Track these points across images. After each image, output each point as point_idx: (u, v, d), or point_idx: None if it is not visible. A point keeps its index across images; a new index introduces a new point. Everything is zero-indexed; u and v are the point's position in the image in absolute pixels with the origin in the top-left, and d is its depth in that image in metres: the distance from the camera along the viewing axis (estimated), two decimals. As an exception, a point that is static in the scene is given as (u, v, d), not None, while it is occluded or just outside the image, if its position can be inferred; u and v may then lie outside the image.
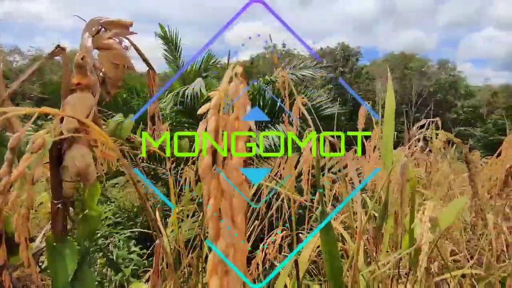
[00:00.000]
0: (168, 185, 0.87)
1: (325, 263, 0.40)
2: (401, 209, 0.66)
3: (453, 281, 0.80)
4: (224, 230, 0.20)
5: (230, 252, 0.19)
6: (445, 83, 29.57)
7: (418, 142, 1.11)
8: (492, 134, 22.75)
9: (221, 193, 0.20)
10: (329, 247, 0.39)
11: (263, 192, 0.91)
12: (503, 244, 1.32)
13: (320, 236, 0.39)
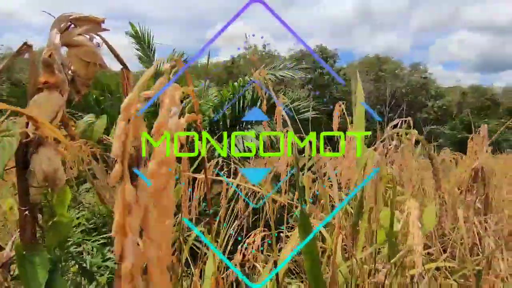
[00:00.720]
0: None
1: (305, 262, 0.40)
2: (375, 205, 0.68)
3: (427, 275, 0.83)
4: (128, 249, 0.17)
5: (136, 273, 0.17)
6: (417, 85, 30.94)
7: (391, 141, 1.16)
8: (460, 132, 24.06)
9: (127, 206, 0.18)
10: (308, 246, 0.39)
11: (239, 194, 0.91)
12: (476, 237, 1.40)
13: (300, 235, 0.40)
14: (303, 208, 0.38)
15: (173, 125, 0.20)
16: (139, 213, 0.19)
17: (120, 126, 0.19)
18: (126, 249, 0.17)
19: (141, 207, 0.19)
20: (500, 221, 1.60)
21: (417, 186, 1.34)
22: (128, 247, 0.18)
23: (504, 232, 1.57)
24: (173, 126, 0.20)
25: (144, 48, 3.07)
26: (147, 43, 3.04)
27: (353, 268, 0.71)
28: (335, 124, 1.36)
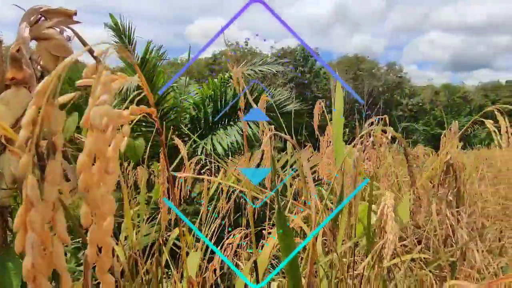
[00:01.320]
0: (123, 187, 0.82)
1: (283, 259, 0.40)
2: (354, 200, 0.69)
3: (403, 266, 0.86)
4: (27, 246, 0.16)
5: (38, 272, 0.16)
6: (393, 84, 32.01)
7: (369, 138, 1.19)
8: (433, 129, 25.14)
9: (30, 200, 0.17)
10: (286, 242, 0.39)
11: (222, 191, 0.90)
12: (449, 229, 1.46)
13: (277, 232, 0.40)
14: (280, 208, 0.38)
15: (98, 115, 0.18)
16: (44, 209, 0.17)
17: (29, 113, 0.18)
18: (26, 247, 0.16)
19: (48, 204, 0.17)
20: (472, 214, 1.68)
21: (392, 181, 1.38)
22: (28, 245, 0.16)
23: (478, 224, 1.65)
24: (97, 116, 0.18)
25: (124, 41, 2.87)
26: (127, 36, 2.84)
27: (333, 262, 0.72)
28: (316, 121, 1.38)
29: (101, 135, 0.18)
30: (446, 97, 32.14)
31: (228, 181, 0.92)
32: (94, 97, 0.19)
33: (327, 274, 0.72)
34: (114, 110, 0.19)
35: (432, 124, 26.70)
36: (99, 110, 0.18)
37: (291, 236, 0.40)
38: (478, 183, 2.39)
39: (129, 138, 0.70)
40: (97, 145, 0.18)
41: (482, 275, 1.18)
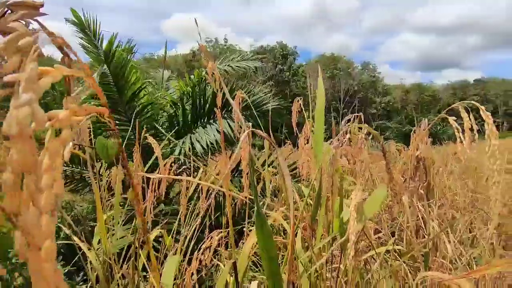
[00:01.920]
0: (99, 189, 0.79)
1: (262, 259, 0.40)
2: (332, 196, 0.70)
3: (379, 258, 0.89)
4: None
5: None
6: (367, 83, 33.01)
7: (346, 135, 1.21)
8: (404, 126, 26.24)
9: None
10: (265, 242, 0.39)
11: (202, 191, 0.88)
12: (420, 221, 1.53)
13: (256, 232, 0.39)
14: (259, 208, 0.38)
15: (14, 120, 0.15)
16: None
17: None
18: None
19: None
20: (442, 206, 1.76)
21: (366, 176, 1.42)
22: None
23: (448, 215, 1.73)
24: (13, 122, 0.15)
25: (89, 36, 2.70)
26: (92, 31, 2.66)
27: (313, 257, 0.73)
28: (294, 119, 1.39)
29: (26, 145, 0.15)
30: (416, 96, 33.59)
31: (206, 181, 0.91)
32: (15, 97, 0.16)
33: (307, 269, 0.73)
34: (41, 113, 0.16)
35: (404, 122, 27.92)
36: (19, 113, 0.15)
37: (270, 238, 0.39)
38: (447, 176, 2.51)
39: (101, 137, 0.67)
40: (22, 158, 0.15)
41: (455, 265, 1.24)
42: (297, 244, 0.76)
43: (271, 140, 0.39)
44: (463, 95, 32.47)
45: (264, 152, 1.16)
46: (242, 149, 0.59)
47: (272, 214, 0.79)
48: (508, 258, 1.36)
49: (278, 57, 30.59)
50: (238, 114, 0.53)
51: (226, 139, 2.44)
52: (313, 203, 0.72)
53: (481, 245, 1.33)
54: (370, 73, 33.36)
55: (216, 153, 2.76)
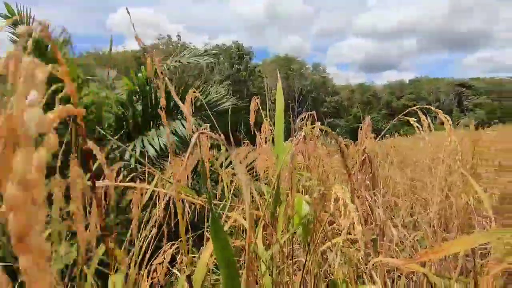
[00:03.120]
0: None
1: (219, 267, 0.37)
2: (291, 193, 0.70)
3: (334, 248, 0.91)
4: None
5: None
6: (318, 83, 34.56)
7: (301, 133, 1.24)
8: (351, 123, 28.09)
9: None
10: (221, 250, 0.36)
11: (159, 198, 0.82)
12: (368, 209, 1.62)
13: (212, 240, 0.37)
14: (214, 214, 0.35)
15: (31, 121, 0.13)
16: None
17: None
18: None
19: None
20: (386, 194, 1.90)
21: (321, 172, 1.47)
22: None
23: (391, 202, 1.87)
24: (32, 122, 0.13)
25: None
26: (25, 24, 2.38)
27: (274, 255, 0.72)
28: (252, 117, 1.38)
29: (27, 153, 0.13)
30: (361, 95, 36.10)
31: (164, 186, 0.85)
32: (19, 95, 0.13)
33: (269, 267, 0.73)
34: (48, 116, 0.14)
35: (352, 119, 29.95)
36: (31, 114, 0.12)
37: (227, 245, 0.37)
38: (388, 167, 2.73)
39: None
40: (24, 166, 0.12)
41: (400, 247, 1.33)
42: (259, 244, 0.74)
43: (224, 140, 0.37)
44: (400, 94, 35.68)
45: (222, 152, 1.13)
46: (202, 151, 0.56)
47: (232, 214, 0.77)
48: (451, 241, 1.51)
49: (234, 57, 30.45)
50: (187, 115, 0.50)
51: (182, 140, 2.30)
52: (272, 200, 0.71)
53: (423, 228, 1.45)
54: (320, 74, 34.97)
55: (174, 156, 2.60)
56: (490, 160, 2.73)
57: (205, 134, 0.34)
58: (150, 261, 0.72)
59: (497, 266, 0.44)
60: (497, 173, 2.51)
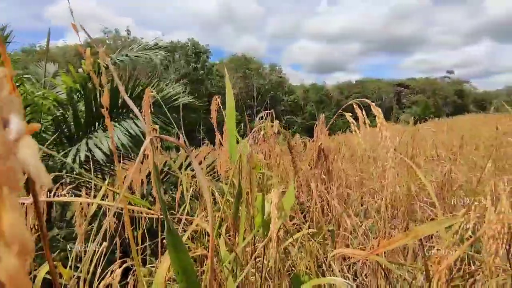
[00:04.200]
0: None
1: (178, 281, 0.33)
2: (251, 192, 0.68)
3: (296, 244, 0.92)
4: None
5: None
6: (276, 83, 35.26)
7: (260, 131, 1.22)
8: (308, 121, 29.27)
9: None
10: (181, 265, 0.32)
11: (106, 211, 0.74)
12: (324, 202, 1.68)
13: (169, 252, 0.32)
14: (170, 225, 0.31)
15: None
16: None
17: None
18: None
19: None
20: (340, 187, 1.98)
21: (281, 169, 1.48)
22: None
23: (344, 194, 1.95)
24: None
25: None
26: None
27: (237, 256, 0.70)
28: (214, 117, 1.33)
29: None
30: (315, 94, 37.71)
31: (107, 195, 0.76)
32: None
33: (233, 269, 0.70)
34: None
35: (307, 117, 31.20)
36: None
37: (186, 259, 0.33)
38: (340, 161, 2.87)
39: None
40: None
41: (353, 235, 1.39)
42: (221, 246, 0.71)
43: (177, 141, 0.33)
44: (348, 93, 38.06)
45: (181, 153, 1.07)
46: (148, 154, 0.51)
47: (194, 219, 0.72)
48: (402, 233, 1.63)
49: (191, 55, 29.41)
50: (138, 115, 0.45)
51: (135, 140, 2.07)
52: (234, 201, 0.69)
53: (373, 216, 1.54)
54: (277, 74, 35.72)
55: (126, 158, 2.29)
56: (428, 151, 3.01)
57: (159, 137, 0.30)
58: (101, 277, 0.64)
59: (448, 255, 0.47)
60: (433, 162, 2.77)
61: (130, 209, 0.59)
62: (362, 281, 1.39)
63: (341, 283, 0.66)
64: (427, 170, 2.39)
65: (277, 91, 34.70)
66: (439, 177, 2.11)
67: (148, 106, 0.63)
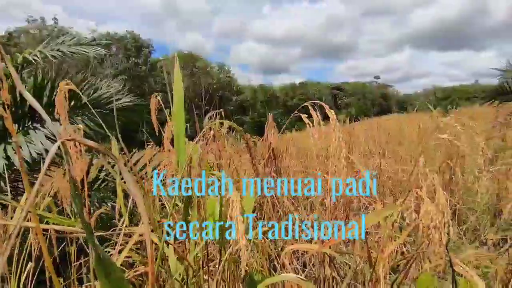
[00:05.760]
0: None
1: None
2: (202, 197, 0.64)
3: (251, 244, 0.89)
4: None
5: None
6: (224, 82, 34.97)
7: (210, 131, 1.17)
8: (256, 120, 29.79)
9: None
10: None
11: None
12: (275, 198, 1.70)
13: (100, 285, 0.26)
14: (99, 253, 0.25)
15: None
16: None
17: None
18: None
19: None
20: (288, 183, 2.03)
21: (232, 169, 1.45)
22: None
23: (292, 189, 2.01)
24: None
25: None
26: None
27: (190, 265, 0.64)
28: (154, 117, 1.23)
29: None
30: (262, 95, 38.58)
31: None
32: None
33: (183, 277, 0.64)
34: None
35: (256, 117, 31.74)
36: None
37: (121, 283, 0.27)
38: (288, 158, 2.98)
39: None
40: None
41: (300, 227, 1.44)
42: (170, 256, 0.65)
43: (95, 144, 0.27)
44: (292, 94, 39.91)
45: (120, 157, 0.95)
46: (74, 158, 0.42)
47: (136, 231, 0.64)
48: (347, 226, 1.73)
49: (130, 49, 26.97)
50: (44, 117, 0.36)
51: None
52: (183, 207, 0.63)
53: (317, 208, 1.61)
54: (225, 73, 35.47)
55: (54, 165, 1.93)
56: (362, 147, 3.29)
57: (77, 140, 0.24)
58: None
59: (389, 244, 0.50)
60: (366, 157, 3.04)
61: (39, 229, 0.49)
62: (310, 271, 1.45)
63: (294, 279, 0.66)
64: (361, 163, 2.61)
65: (226, 90, 34.48)
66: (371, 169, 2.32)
67: (62, 107, 0.53)
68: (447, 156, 2.37)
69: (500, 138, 2.63)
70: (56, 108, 0.54)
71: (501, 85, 3.68)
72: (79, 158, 0.50)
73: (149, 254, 0.23)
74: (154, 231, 0.56)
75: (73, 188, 0.24)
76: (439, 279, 1.34)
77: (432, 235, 0.42)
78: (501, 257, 0.89)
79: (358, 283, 1.28)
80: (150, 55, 29.23)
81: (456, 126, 0.65)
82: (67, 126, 1.01)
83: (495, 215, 2.01)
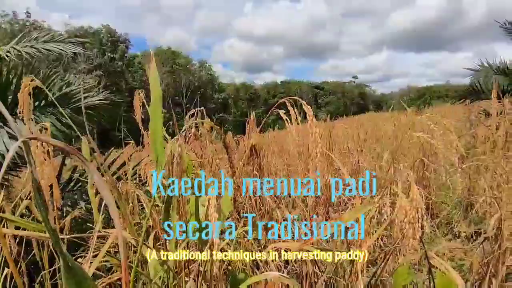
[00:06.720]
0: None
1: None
2: (183, 197, 0.62)
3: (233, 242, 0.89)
4: None
5: None
6: (206, 80, 34.47)
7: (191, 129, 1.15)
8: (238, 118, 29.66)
9: None
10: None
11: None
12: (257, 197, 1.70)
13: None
14: (68, 264, 0.23)
15: None
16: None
17: None
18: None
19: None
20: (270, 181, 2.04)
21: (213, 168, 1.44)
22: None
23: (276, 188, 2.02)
24: None
25: None
26: None
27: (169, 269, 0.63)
28: (138, 114, 1.19)
29: None
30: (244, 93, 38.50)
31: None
32: None
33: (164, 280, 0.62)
34: None
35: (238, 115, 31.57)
36: None
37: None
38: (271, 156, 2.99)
39: None
40: None
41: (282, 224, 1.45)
42: (150, 260, 0.63)
43: (62, 144, 0.26)
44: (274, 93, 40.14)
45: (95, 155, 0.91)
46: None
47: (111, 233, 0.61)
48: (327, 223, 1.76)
49: (106, 43, 25.81)
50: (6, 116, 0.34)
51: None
52: (164, 209, 0.61)
53: (299, 206, 1.63)
54: (207, 71, 34.96)
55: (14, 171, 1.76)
56: (341, 144, 3.36)
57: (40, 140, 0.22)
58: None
59: (367, 239, 0.51)
60: (347, 154, 3.11)
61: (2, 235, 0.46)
62: (292, 267, 1.47)
63: (277, 277, 0.66)
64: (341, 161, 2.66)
65: (208, 88, 34.01)
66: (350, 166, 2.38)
67: (26, 104, 0.50)
68: (421, 153, 2.47)
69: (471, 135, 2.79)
70: (20, 105, 0.50)
71: (472, 84, 3.88)
72: (46, 159, 0.47)
73: (123, 262, 0.22)
74: (132, 234, 0.53)
75: (36, 192, 0.22)
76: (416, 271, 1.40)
77: (407, 229, 0.44)
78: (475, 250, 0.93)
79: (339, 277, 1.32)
80: (127, 50, 28.17)
81: (429, 125, 0.68)
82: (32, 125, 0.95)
83: (467, 209, 2.13)
